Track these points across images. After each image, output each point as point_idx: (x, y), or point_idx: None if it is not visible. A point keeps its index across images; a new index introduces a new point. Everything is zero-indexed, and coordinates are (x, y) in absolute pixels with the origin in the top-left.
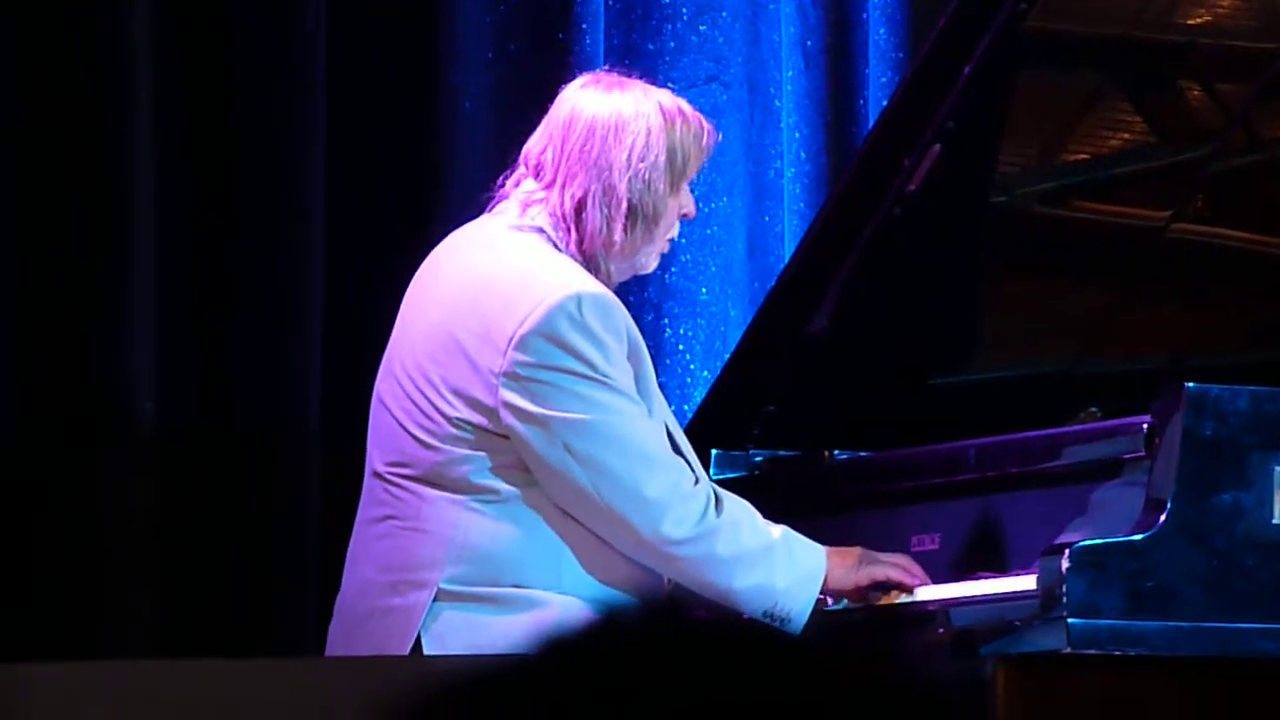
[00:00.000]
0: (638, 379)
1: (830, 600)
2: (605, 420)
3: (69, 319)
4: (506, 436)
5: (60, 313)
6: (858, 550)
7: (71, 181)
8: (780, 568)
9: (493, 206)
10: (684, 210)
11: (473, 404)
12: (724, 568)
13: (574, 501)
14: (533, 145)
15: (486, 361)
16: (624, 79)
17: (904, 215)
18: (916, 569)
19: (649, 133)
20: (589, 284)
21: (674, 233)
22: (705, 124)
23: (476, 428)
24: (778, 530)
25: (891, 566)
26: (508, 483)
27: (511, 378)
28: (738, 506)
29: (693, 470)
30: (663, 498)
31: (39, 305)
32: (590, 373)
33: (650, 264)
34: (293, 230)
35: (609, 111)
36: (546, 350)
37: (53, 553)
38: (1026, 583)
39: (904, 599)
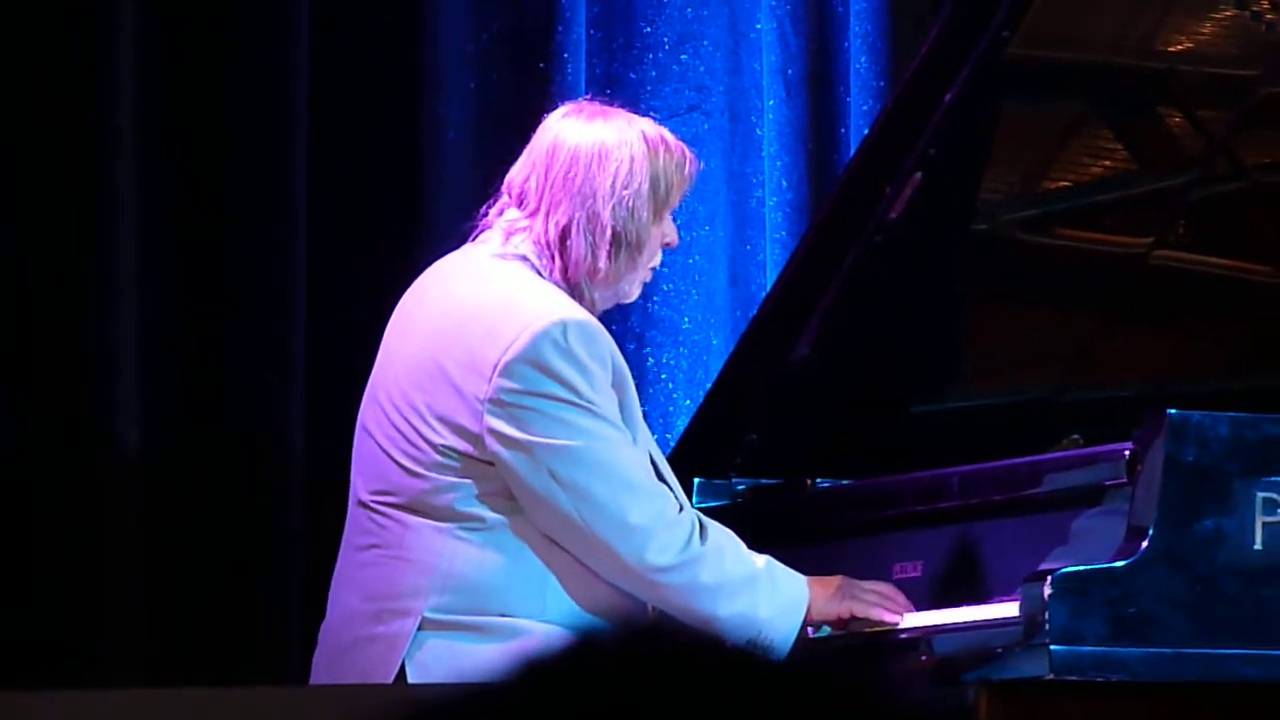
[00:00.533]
0: (622, 406)
1: (811, 629)
2: (590, 446)
3: (51, 337)
4: (492, 463)
5: (42, 331)
6: (839, 579)
7: (55, 200)
8: (764, 597)
9: (476, 235)
10: (667, 239)
11: (458, 431)
12: (707, 596)
13: (559, 528)
14: (515, 174)
15: (472, 388)
16: (606, 108)
17: (885, 243)
18: (899, 597)
19: (632, 160)
20: (573, 311)
21: (657, 261)
22: (688, 153)
23: (462, 455)
24: (761, 560)
25: (873, 595)
26: (493, 510)
27: (496, 404)
28: (722, 535)
29: (677, 498)
30: (647, 525)
31: (20, 323)
32: (575, 399)
33: (633, 292)
34: (276, 256)
35: (592, 139)
36: (531, 377)
37: (36, 576)
38: (1009, 610)
39: (886, 626)
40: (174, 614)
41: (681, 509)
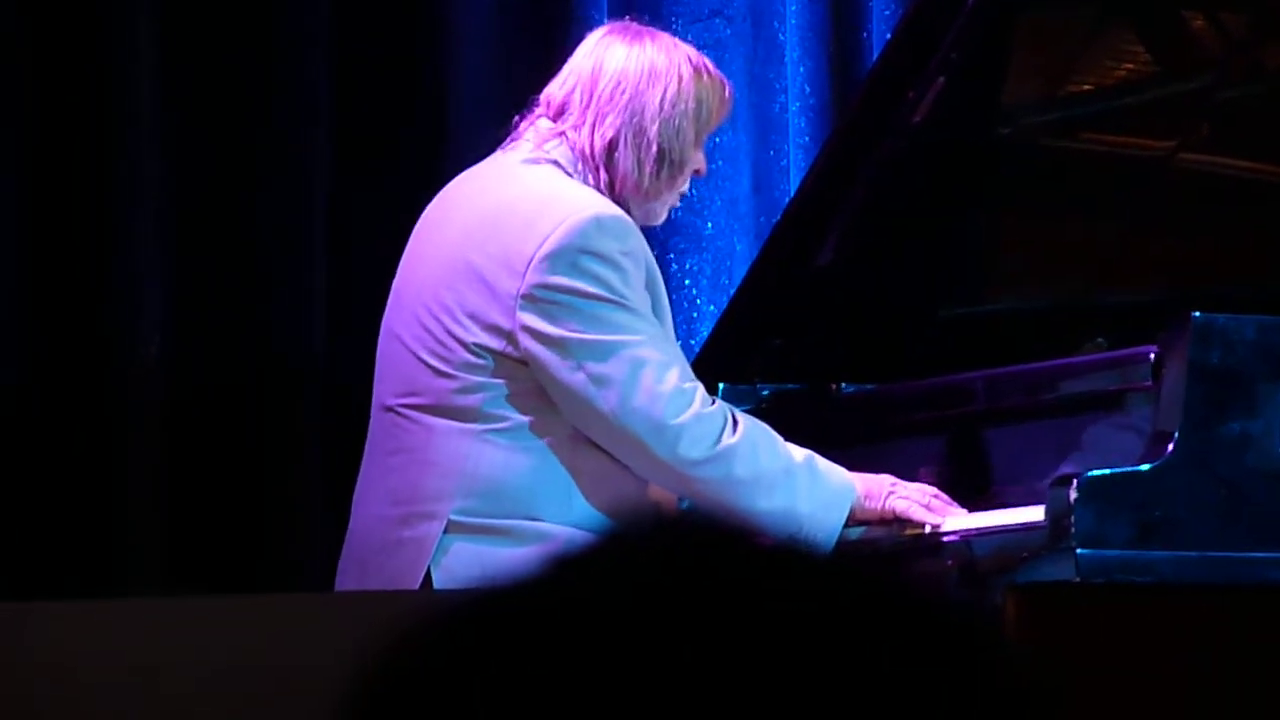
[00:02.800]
0: (653, 307)
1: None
2: (623, 341)
3: (75, 260)
4: (523, 362)
5: (66, 254)
6: (885, 477)
7: (81, 139)
8: (803, 491)
9: (505, 145)
10: (698, 166)
11: (490, 328)
12: (744, 489)
13: (591, 423)
14: (554, 88)
15: (505, 284)
16: (650, 29)
17: (909, 148)
18: (943, 498)
19: (680, 80)
20: (607, 206)
21: (685, 187)
22: (727, 82)
23: (493, 353)
24: (801, 455)
25: (920, 496)
26: (520, 412)
27: (530, 299)
28: (757, 429)
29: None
30: (679, 419)
31: (45, 247)
32: (608, 294)
33: (662, 214)
34: (297, 168)
35: (640, 59)
36: (566, 271)
37: (60, 489)
38: (1034, 514)
39: (928, 528)
40: (198, 523)
41: (714, 404)
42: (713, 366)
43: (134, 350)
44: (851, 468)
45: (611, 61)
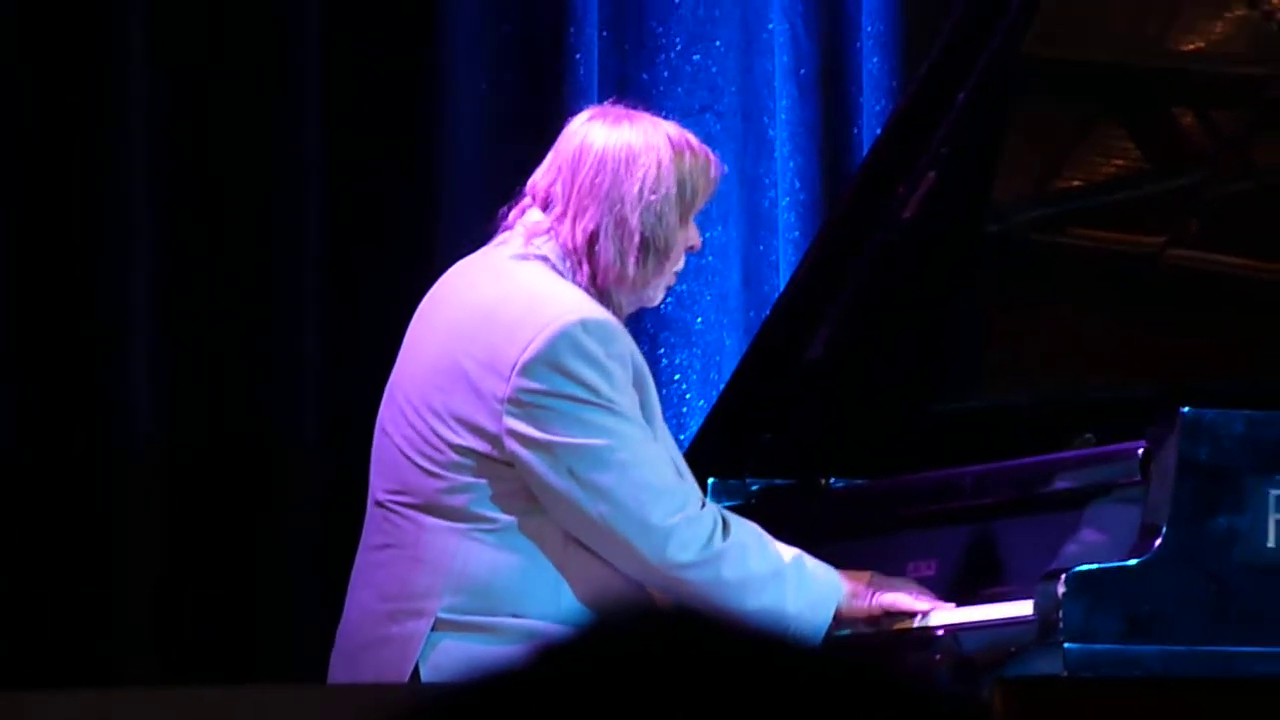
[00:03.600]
0: (642, 406)
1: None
2: (610, 445)
3: (67, 340)
4: (509, 464)
5: (58, 334)
6: (868, 574)
7: (68, 197)
8: (791, 592)
9: (496, 237)
10: (691, 243)
11: (476, 431)
12: (731, 592)
13: (580, 527)
14: (540, 178)
15: (490, 388)
16: (631, 111)
17: (899, 243)
18: (927, 594)
19: (659, 165)
20: (593, 309)
21: (680, 265)
22: (712, 156)
23: (479, 455)
24: (790, 554)
25: (904, 592)
26: (507, 511)
27: (515, 404)
28: (746, 531)
29: (697, 496)
30: (668, 523)
31: (36, 324)
32: (594, 398)
33: (658, 297)
34: (290, 258)
35: (619, 144)
36: (550, 376)
37: (52, 573)
38: (1023, 609)
39: (917, 619)
40: (189, 613)
41: (703, 506)
42: (702, 461)
43: (125, 437)
44: (841, 562)
45: (591, 148)
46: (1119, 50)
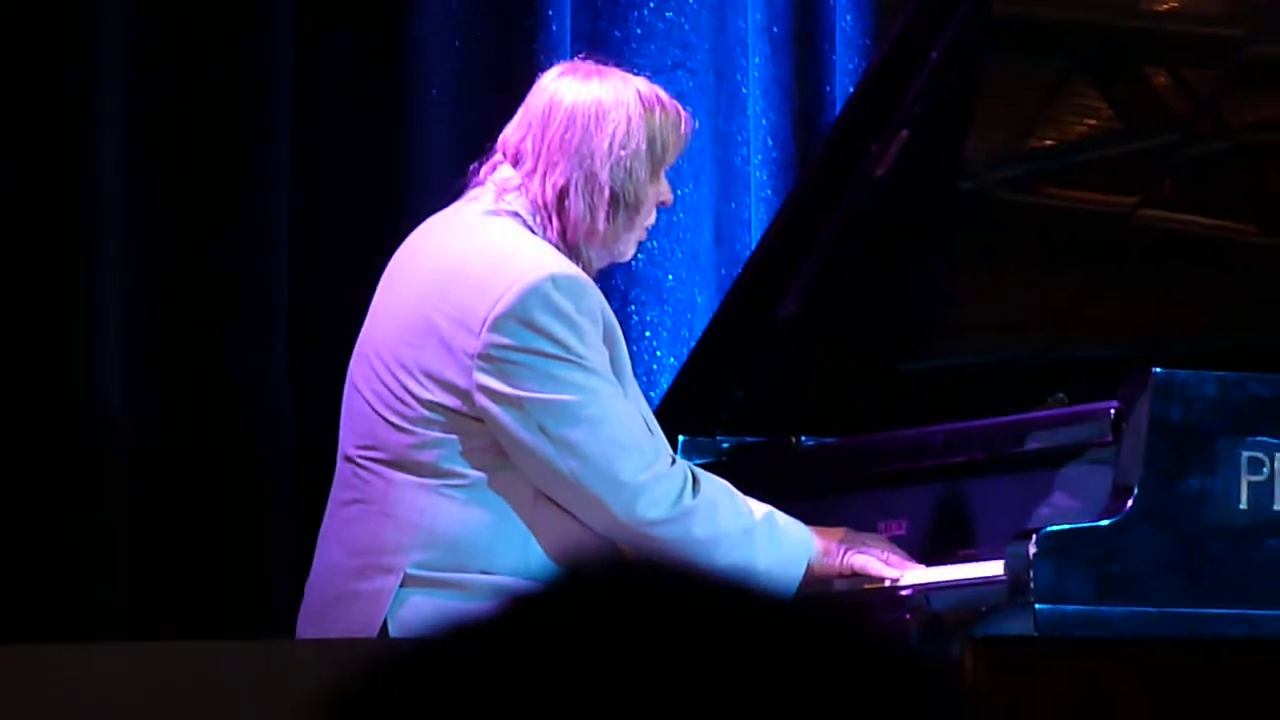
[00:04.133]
0: (612, 362)
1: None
2: (580, 401)
3: (38, 327)
4: (479, 419)
5: (29, 321)
6: (841, 531)
7: (39, 190)
8: (762, 549)
9: (467, 192)
10: (662, 198)
11: (446, 386)
12: (701, 549)
13: (549, 483)
14: (510, 133)
15: (460, 344)
16: (601, 67)
17: (871, 201)
18: (899, 553)
19: (629, 120)
20: (563, 265)
21: (651, 220)
22: (683, 111)
23: (448, 410)
24: (761, 511)
25: (876, 550)
26: (476, 467)
27: (486, 359)
28: (716, 487)
29: (667, 453)
30: (638, 479)
31: (6, 314)
32: (564, 354)
33: (629, 252)
34: (259, 220)
35: (589, 99)
36: (520, 332)
37: (23, 533)
38: (994, 569)
39: (886, 583)
40: (162, 573)
41: (674, 463)
42: (673, 419)
43: (95, 399)
44: (811, 520)
45: (561, 104)
46: (1093, 9)
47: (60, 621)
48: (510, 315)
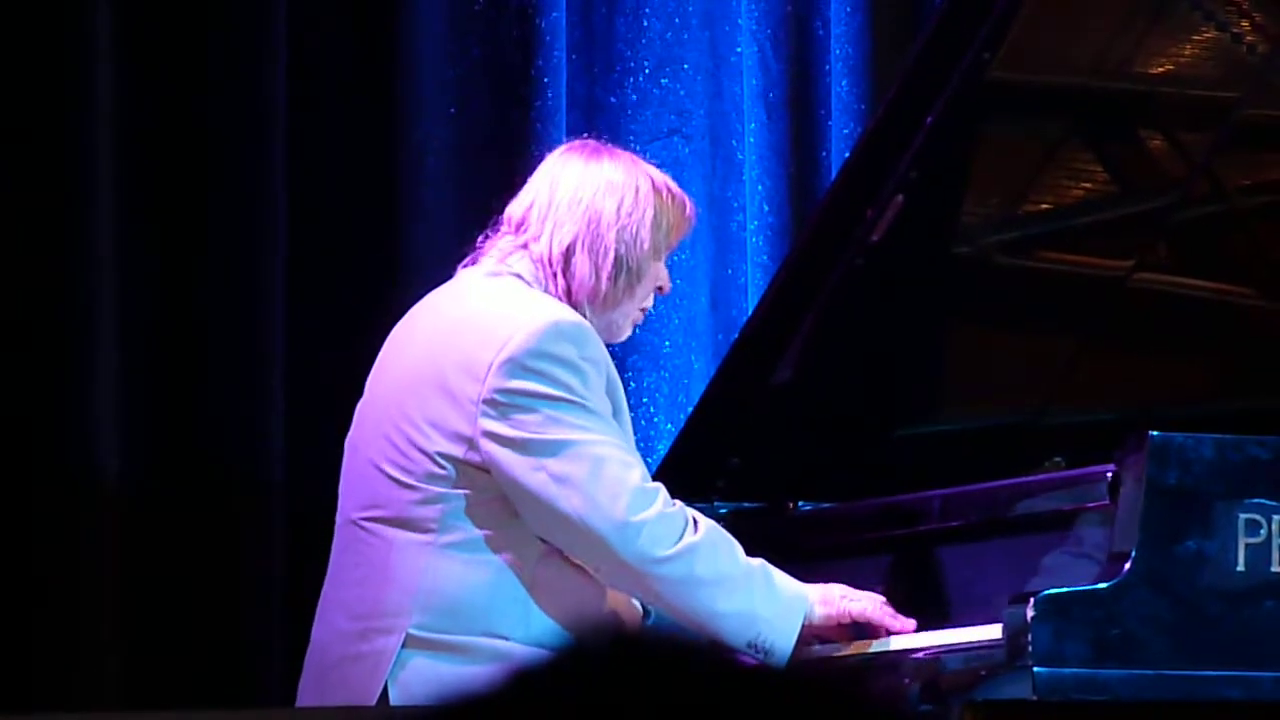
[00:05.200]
0: (614, 413)
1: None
2: (584, 441)
3: (33, 373)
4: (484, 470)
5: (23, 367)
6: (837, 587)
7: (34, 235)
8: (760, 596)
9: (468, 262)
10: (660, 282)
11: (452, 435)
12: (704, 590)
13: (552, 527)
14: (515, 205)
15: (466, 391)
16: (611, 147)
17: (867, 266)
18: (892, 610)
19: (637, 191)
20: (567, 313)
21: (649, 303)
22: (688, 200)
23: (455, 461)
24: (757, 561)
25: (870, 604)
26: (480, 525)
27: (491, 404)
28: (716, 531)
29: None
30: (641, 518)
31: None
32: (567, 395)
33: (625, 329)
34: (254, 284)
35: (599, 171)
36: (524, 375)
37: (17, 606)
38: (992, 632)
39: (877, 646)
40: (157, 639)
41: (675, 504)
42: (670, 484)
43: (90, 465)
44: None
45: (570, 176)
46: (1087, 73)
47: (47, 688)
48: (515, 360)
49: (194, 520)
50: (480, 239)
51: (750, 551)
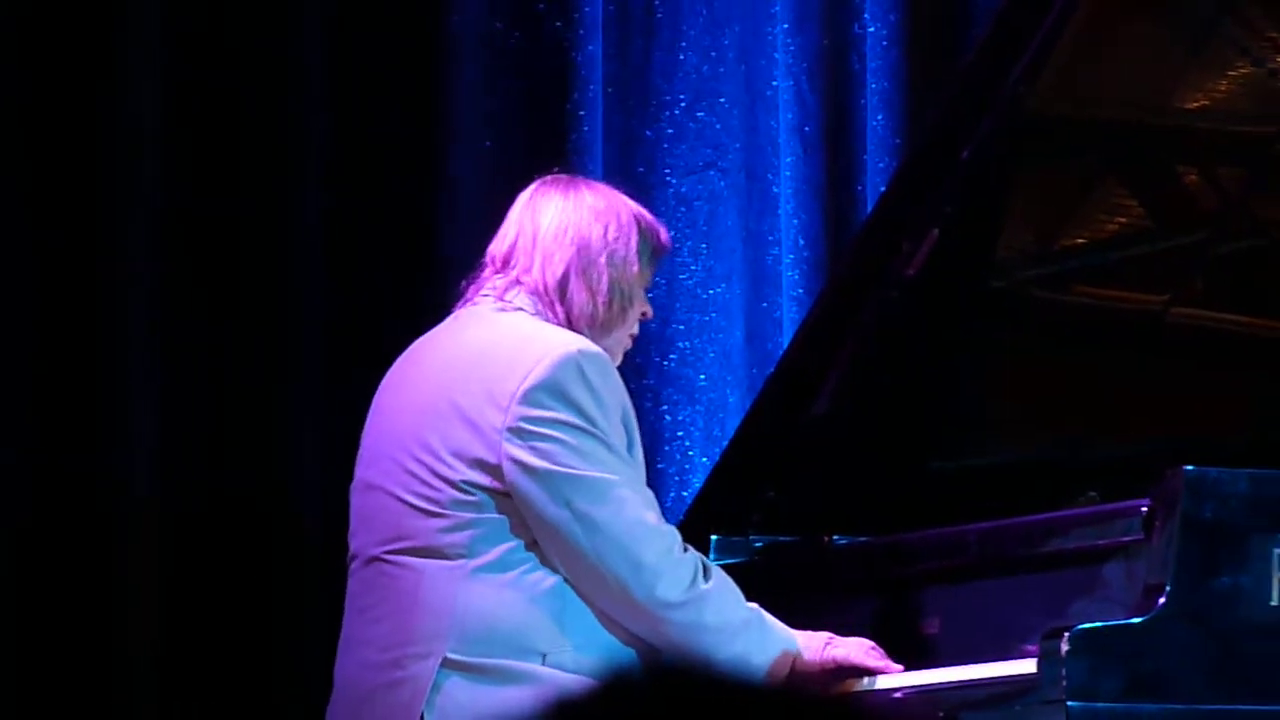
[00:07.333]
0: (629, 446)
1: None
2: (608, 480)
3: (71, 405)
4: (509, 496)
5: (63, 399)
6: (824, 634)
7: (73, 264)
8: (756, 644)
9: (457, 308)
10: (644, 309)
11: (474, 464)
12: (709, 637)
13: (570, 560)
14: (496, 245)
15: (489, 420)
16: (583, 179)
17: (902, 300)
18: (879, 653)
19: (619, 215)
20: (588, 343)
21: (635, 330)
22: (663, 229)
23: (480, 488)
24: (753, 606)
25: (856, 650)
26: (509, 547)
27: (515, 432)
28: (723, 576)
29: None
30: (657, 561)
31: (41, 391)
32: (590, 427)
33: (618, 357)
34: (290, 323)
35: (580, 200)
36: (551, 403)
37: (54, 639)
38: (1027, 666)
39: (864, 685)
40: (190, 667)
41: (686, 549)
42: (705, 518)
43: (126, 484)
44: (843, 620)
45: (550, 207)
46: (1123, 108)
47: (86, 708)
48: (541, 387)
49: (228, 549)
50: (464, 283)
51: (786, 585)
